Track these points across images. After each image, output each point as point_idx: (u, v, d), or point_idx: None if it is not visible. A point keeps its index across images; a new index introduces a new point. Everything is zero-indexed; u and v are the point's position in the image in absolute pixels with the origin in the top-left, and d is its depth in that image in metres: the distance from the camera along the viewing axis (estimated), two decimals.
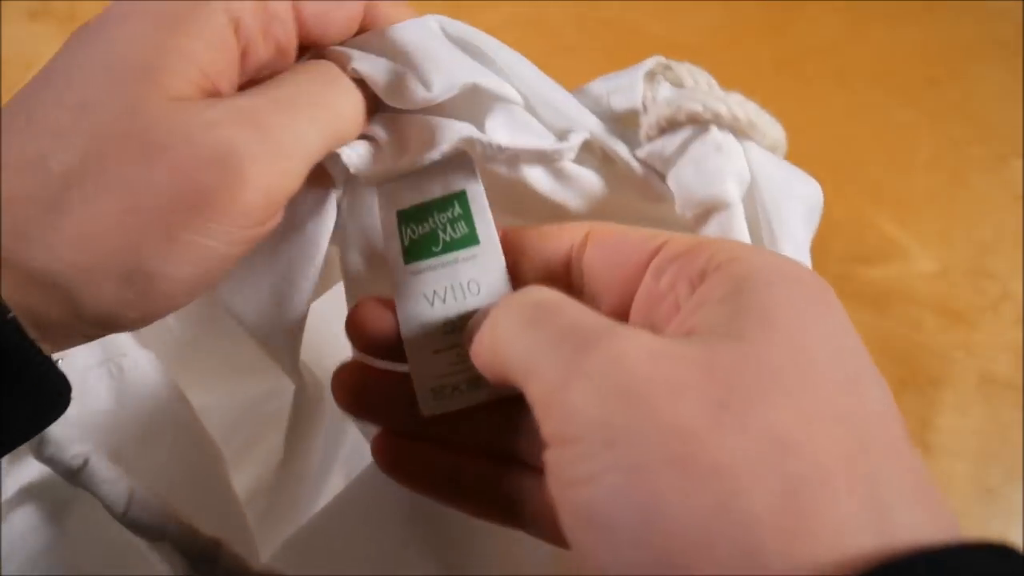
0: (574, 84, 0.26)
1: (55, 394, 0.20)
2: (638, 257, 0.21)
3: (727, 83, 0.30)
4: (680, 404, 0.16)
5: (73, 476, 0.27)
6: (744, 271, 0.18)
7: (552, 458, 0.17)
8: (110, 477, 0.27)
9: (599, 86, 0.26)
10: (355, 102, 0.24)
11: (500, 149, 0.23)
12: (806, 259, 0.25)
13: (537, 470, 0.23)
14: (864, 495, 0.15)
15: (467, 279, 0.23)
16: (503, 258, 0.23)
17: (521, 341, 0.18)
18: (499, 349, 0.19)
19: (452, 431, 0.24)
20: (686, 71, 0.25)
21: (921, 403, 0.46)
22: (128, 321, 0.21)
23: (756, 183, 0.24)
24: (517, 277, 0.23)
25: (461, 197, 0.23)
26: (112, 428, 0.30)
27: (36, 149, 0.19)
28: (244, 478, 0.36)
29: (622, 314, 0.21)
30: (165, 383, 0.31)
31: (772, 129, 0.25)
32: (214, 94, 0.21)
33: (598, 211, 0.26)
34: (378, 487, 0.27)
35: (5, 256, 0.19)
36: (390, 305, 0.23)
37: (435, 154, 0.23)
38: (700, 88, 0.25)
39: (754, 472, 0.15)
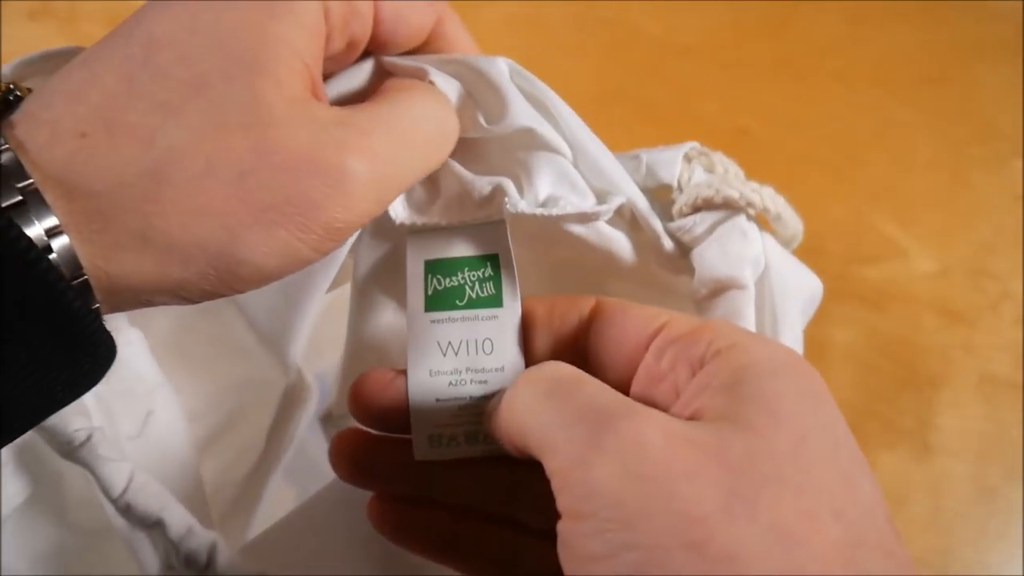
0: (573, 84, 0.27)
1: (103, 361, 0.20)
2: (640, 336, 0.22)
3: (727, 83, 0.30)
4: (694, 490, 0.17)
5: (71, 451, 0.26)
6: (745, 360, 0.19)
7: (567, 530, 0.18)
8: (113, 456, 0.26)
9: (639, 155, 0.28)
10: (455, 140, 0.24)
11: (541, 216, 0.25)
12: (800, 347, 0.27)
13: (534, 532, 0.24)
14: None
15: (483, 337, 0.24)
16: (520, 325, 0.24)
17: (540, 415, 0.19)
18: (518, 420, 0.20)
19: (451, 493, 0.24)
20: (719, 160, 0.27)
21: (921, 403, 0.46)
22: (199, 293, 0.21)
23: (767, 272, 0.26)
24: (528, 346, 0.24)
25: (494, 260, 0.25)
26: (92, 404, 0.29)
27: (139, 119, 0.20)
28: (211, 468, 0.36)
29: (623, 388, 0.22)
30: (150, 364, 0.31)
31: (794, 222, 0.27)
32: (314, 85, 0.22)
33: (618, 270, 0.27)
34: (345, 500, 0.28)
35: (101, 217, 0.19)
36: (392, 377, 0.24)
37: (476, 218, 0.25)
38: (731, 175, 0.27)
39: (762, 562, 0.16)
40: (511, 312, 0.24)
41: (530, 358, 0.24)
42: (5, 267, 0.17)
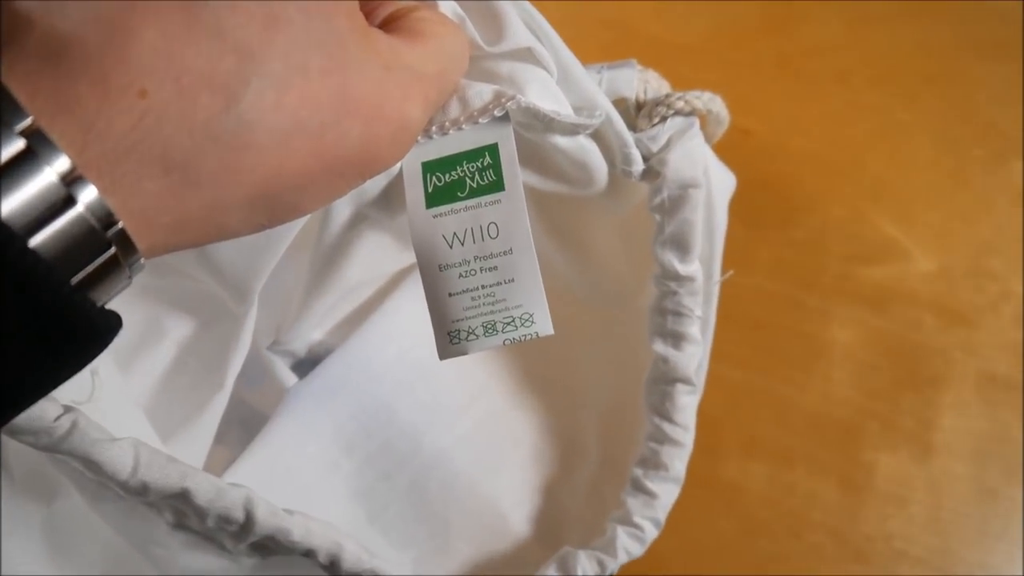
0: None
1: (101, 339, 0.18)
2: None
3: (727, 83, 0.32)
4: None
5: (57, 443, 0.23)
6: None
7: None
8: (106, 436, 0.23)
9: (600, 70, 0.30)
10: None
11: (545, 115, 0.25)
12: (724, 228, 0.31)
13: None
14: None
15: (488, 222, 0.24)
16: (524, 203, 0.24)
17: None
18: None
19: None
20: (652, 76, 0.30)
21: (921, 403, 0.46)
22: (237, 235, 0.20)
23: (707, 171, 0.30)
24: None
25: (492, 149, 0.24)
26: None
27: (210, 66, 0.17)
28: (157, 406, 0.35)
29: None
30: None
31: (726, 116, 0.31)
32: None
33: (591, 185, 0.30)
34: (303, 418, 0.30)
35: (171, 196, 0.17)
36: None
37: (485, 118, 0.24)
38: (666, 86, 0.30)
39: None
40: (514, 194, 0.24)
41: None
42: (7, 283, 0.15)
